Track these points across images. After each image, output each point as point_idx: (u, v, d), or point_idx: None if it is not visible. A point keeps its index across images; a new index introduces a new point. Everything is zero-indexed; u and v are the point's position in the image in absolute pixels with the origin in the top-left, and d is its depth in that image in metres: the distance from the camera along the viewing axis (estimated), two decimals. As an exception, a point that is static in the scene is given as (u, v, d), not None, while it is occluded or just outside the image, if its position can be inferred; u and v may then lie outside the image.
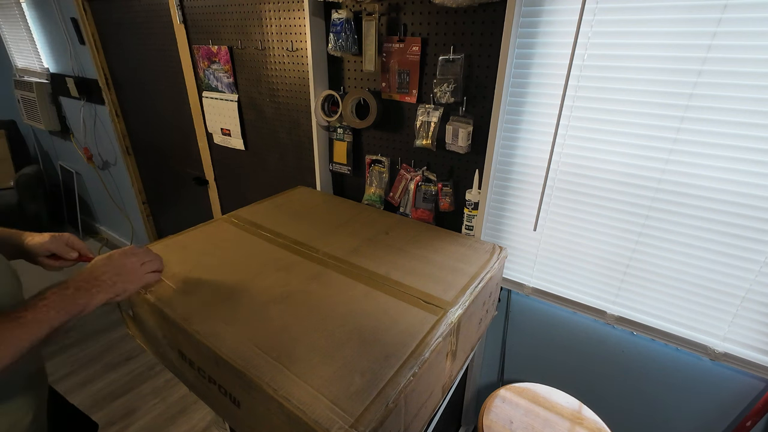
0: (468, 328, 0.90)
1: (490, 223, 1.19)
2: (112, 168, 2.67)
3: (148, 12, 1.83)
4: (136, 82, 2.14)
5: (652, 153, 0.90)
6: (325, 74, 1.31)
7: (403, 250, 1.02)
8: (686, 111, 0.84)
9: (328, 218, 1.20)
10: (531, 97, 1.00)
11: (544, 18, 0.92)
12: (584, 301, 1.11)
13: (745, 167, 0.82)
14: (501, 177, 1.12)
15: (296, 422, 0.58)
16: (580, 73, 0.92)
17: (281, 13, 1.34)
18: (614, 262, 1.03)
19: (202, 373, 0.77)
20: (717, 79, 0.80)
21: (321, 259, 0.97)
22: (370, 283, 0.88)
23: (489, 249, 1.05)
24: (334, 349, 0.69)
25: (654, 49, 0.84)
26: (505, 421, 1.03)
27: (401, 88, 1.16)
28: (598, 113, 0.93)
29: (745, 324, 0.92)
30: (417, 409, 0.72)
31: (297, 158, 1.57)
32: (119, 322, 2.32)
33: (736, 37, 0.76)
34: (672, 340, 1.01)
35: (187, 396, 1.83)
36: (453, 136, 1.08)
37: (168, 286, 0.84)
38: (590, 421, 1.04)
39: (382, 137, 1.28)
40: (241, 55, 1.54)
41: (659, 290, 1.00)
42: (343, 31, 1.15)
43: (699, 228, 0.90)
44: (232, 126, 1.73)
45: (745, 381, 0.96)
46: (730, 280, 0.90)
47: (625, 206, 0.97)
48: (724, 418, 1.02)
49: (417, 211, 1.25)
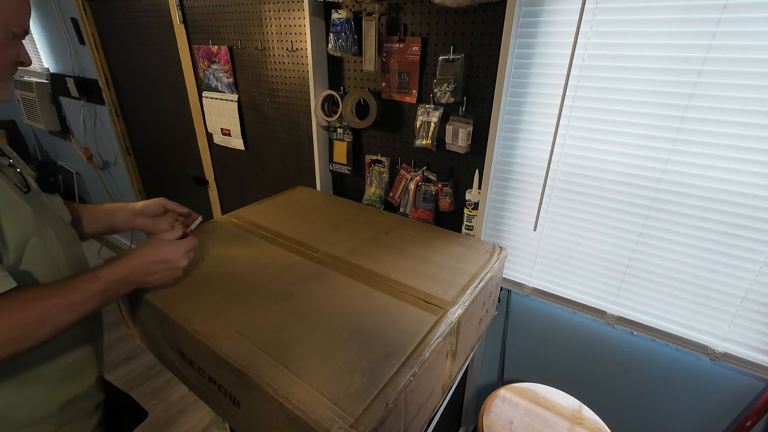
0: (468, 328, 0.90)
1: (490, 223, 1.19)
2: (112, 168, 2.67)
3: (148, 12, 1.83)
4: (136, 82, 2.14)
5: (652, 153, 0.90)
6: (325, 74, 1.31)
7: (403, 250, 1.02)
8: (686, 111, 0.84)
9: (328, 218, 1.20)
10: (531, 97, 1.00)
11: (544, 18, 0.92)
12: (584, 301, 1.11)
13: (745, 167, 0.82)
14: (501, 177, 1.12)
15: (296, 422, 0.58)
16: (580, 73, 0.92)
17: (281, 13, 1.34)
18: (614, 262, 1.03)
19: (202, 373, 0.77)
20: (717, 79, 0.80)
21: (321, 259, 0.97)
22: (370, 282, 0.88)
23: (489, 249, 1.05)
24: (334, 349, 0.69)
25: (654, 49, 0.84)
26: (505, 421, 1.03)
27: (401, 88, 1.16)
28: (598, 113, 0.93)
29: (745, 324, 0.92)
30: (417, 409, 0.72)
31: (297, 158, 1.57)
32: (119, 322, 2.32)
33: (736, 37, 0.76)
34: (672, 340, 1.01)
35: (187, 396, 1.83)
36: (453, 136, 1.08)
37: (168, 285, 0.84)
38: (590, 421, 1.04)
39: (382, 137, 1.28)
40: (241, 55, 1.54)
41: (659, 290, 1.00)
42: (343, 31, 1.15)
43: (699, 228, 0.90)
44: (232, 126, 1.73)
45: (745, 381, 0.96)
46: (730, 280, 0.90)
47: (625, 206, 0.97)
48: (724, 418, 1.02)
49: (417, 211, 1.25)
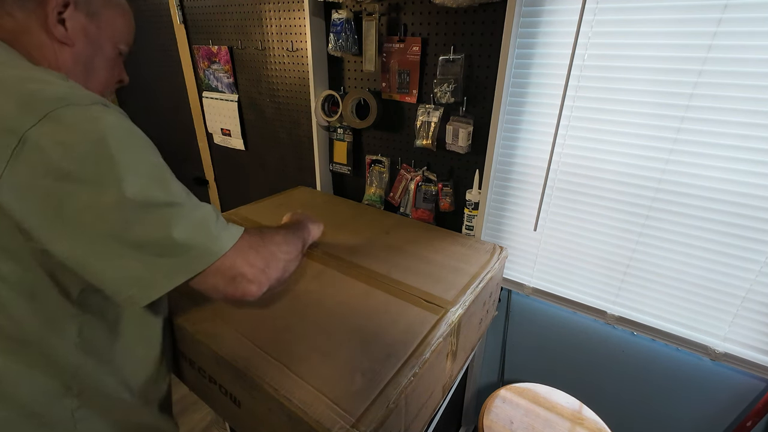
0: (468, 328, 0.89)
1: (491, 223, 1.19)
2: (112, 168, 2.67)
3: (148, 12, 1.83)
4: (137, 82, 2.14)
5: (652, 153, 0.90)
6: (325, 74, 1.31)
7: (404, 250, 1.02)
8: (687, 111, 0.84)
9: (328, 218, 1.20)
10: (531, 97, 1.00)
11: (544, 18, 0.92)
12: (584, 301, 1.11)
13: (745, 167, 0.82)
14: (501, 177, 1.12)
15: (297, 422, 0.58)
16: (581, 73, 0.92)
17: (281, 13, 1.34)
18: (614, 262, 1.03)
19: (203, 373, 0.77)
20: (717, 79, 0.80)
21: (321, 258, 0.97)
22: (370, 282, 0.88)
23: (489, 249, 1.05)
24: (335, 349, 0.69)
25: (654, 49, 0.84)
26: (505, 422, 1.03)
27: (401, 88, 1.16)
28: (599, 113, 0.93)
29: (746, 324, 0.92)
30: (417, 409, 0.72)
31: (297, 158, 1.57)
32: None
33: (736, 37, 0.76)
34: (672, 340, 1.01)
35: (187, 396, 1.83)
36: (453, 136, 1.08)
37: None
38: (591, 421, 1.04)
39: (383, 137, 1.28)
40: (241, 55, 1.54)
41: (660, 290, 1.00)
42: (343, 31, 1.15)
43: (699, 228, 0.90)
44: (232, 126, 1.73)
45: (746, 381, 0.96)
46: (731, 280, 0.90)
47: (625, 206, 0.97)
48: (725, 418, 1.02)
49: (417, 211, 1.25)
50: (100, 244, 0.45)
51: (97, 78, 0.61)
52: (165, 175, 0.50)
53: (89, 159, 0.43)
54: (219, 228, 0.53)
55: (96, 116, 0.45)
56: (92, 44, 0.58)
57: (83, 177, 0.43)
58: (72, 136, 0.43)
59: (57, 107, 0.43)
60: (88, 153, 0.43)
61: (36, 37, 0.53)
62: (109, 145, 0.44)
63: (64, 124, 0.43)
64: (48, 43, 0.54)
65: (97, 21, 0.57)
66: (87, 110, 0.45)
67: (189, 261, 0.49)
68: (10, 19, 0.52)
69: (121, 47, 0.62)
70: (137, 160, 0.47)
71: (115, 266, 0.47)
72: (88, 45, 0.57)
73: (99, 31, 0.58)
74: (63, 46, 0.55)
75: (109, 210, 0.44)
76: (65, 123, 0.43)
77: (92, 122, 0.44)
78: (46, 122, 0.42)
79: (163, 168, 0.51)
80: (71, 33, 0.55)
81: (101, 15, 0.58)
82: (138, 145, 0.48)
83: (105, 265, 0.47)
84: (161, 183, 0.49)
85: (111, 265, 0.47)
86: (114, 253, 0.46)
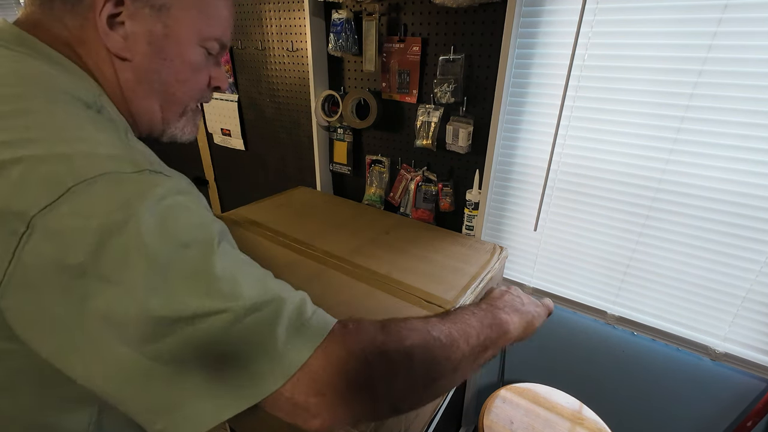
0: (468, 328, 0.89)
1: (491, 223, 1.19)
2: (112, 168, 2.67)
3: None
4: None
5: (652, 153, 0.90)
6: (325, 74, 1.31)
7: (404, 250, 1.02)
8: (687, 111, 0.84)
9: (328, 218, 1.20)
10: (531, 97, 1.00)
11: (544, 18, 0.92)
12: (585, 301, 1.11)
13: (745, 167, 0.82)
14: (501, 177, 1.12)
15: (297, 422, 0.58)
16: (581, 73, 0.92)
17: (281, 13, 1.34)
18: (615, 262, 1.03)
19: (203, 373, 0.77)
20: (717, 79, 0.80)
21: (321, 258, 0.97)
22: (371, 282, 0.88)
23: (489, 249, 1.05)
24: (335, 349, 0.69)
25: (654, 49, 0.84)
26: (505, 422, 1.03)
27: (401, 88, 1.16)
28: (599, 113, 0.93)
29: (746, 324, 0.92)
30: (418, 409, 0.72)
31: (297, 158, 1.57)
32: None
33: (736, 37, 0.76)
34: (672, 340, 1.01)
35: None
36: (453, 136, 1.08)
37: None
38: (591, 421, 1.04)
39: (383, 137, 1.28)
40: (241, 55, 1.54)
41: (660, 290, 1.00)
42: (343, 31, 1.15)
43: (699, 228, 0.90)
44: (232, 126, 1.73)
45: (746, 381, 0.96)
46: (731, 280, 0.90)
47: (625, 206, 0.97)
48: (725, 418, 1.02)
49: (417, 211, 1.25)
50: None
51: (175, 96, 0.47)
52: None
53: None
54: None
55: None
56: (160, 52, 0.43)
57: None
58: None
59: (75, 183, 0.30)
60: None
61: (94, 50, 0.41)
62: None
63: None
64: (106, 58, 0.41)
65: (166, 17, 0.42)
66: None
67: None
68: (63, 27, 0.40)
69: (210, 45, 0.47)
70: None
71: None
72: (155, 55, 0.43)
73: (171, 30, 0.43)
74: (123, 61, 0.42)
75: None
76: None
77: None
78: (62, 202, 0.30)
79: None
80: (131, 42, 0.41)
81: (172, 7, 0.42)
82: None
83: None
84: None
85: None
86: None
